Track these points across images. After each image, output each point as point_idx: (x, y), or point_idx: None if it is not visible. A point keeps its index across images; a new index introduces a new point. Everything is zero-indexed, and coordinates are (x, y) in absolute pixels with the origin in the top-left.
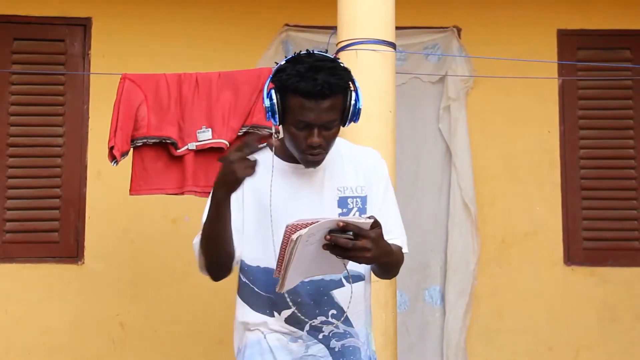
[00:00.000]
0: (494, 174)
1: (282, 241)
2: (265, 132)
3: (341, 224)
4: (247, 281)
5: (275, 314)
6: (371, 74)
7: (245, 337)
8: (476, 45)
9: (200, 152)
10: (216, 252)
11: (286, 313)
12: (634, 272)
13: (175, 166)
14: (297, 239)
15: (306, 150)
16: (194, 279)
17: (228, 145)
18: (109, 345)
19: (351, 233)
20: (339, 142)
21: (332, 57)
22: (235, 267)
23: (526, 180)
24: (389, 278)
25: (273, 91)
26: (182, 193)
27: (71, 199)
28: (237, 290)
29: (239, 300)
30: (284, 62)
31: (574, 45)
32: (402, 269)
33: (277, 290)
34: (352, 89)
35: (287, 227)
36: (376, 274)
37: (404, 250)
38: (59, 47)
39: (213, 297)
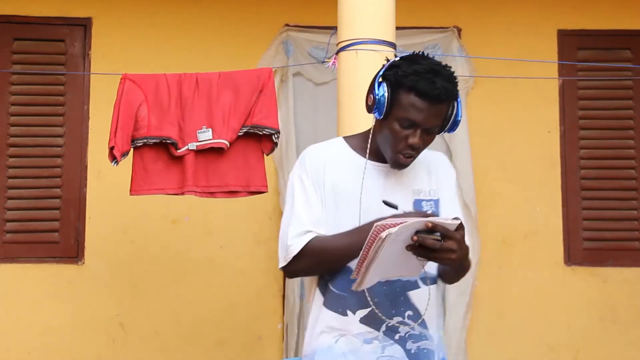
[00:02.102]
0: (494, 175)
1: (369, 240)
2: (266, 132)
3: (430, 224)
4: (328, 279)
5: (350, 313)
6: (371, 74)
7: (314, 342)
8: (476, 45)
9: (200, 152)
10: (330, 267)
11: (362, 313)
12: (634, 272)
13: (175, 166)
14: (386, 237)
15: (403, 149)
16: (194, 279)
17: (228, 145)
18: (109, 345)
19: (438, 234)
20: None
21: (446, 64)
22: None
23: (526, 181)
24: (455, 282)
25: (385, 84)
26: (183, 193)
27: (71, 199)
28: (316, 291)
29: (317, 301)
30: (398, 59)
31: (574, 46)
32: None
33: (353, 288)
34: (456, 99)
35: (375, 225)
36: (445, 278)
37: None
38: (59, 47)
39: (213, 297)
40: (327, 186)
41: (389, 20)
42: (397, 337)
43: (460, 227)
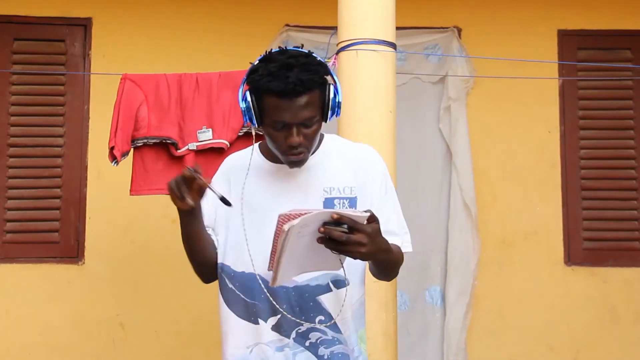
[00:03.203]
0: (494, 174)
1: (275, 232)
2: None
3: (335, 216)
4: (233, 287)
5: (261, 321)
6: (371, 74)
7: (232, 351)
8: (476, 45)
9: (200, 152)
10: (193, 260)
11: (273, 320)
12: (634, 272)
13: (175, 166)
14: (288, 229)
15: (287, 150)
16: (194, 279)
17: (228, 145)
18: (109, 345)
19: (346, 226)
20: (327, 139)
21: (307, 52)
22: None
23: (526, 181)
24: (388, 279)
25: (248, 93)
26: None
27: (71, 199)
28: (224, 300)
29: (226, 310)
30: (257, 61)
31: (574, 46)
32: (402, 269)
33: (270, 284)
34: (329, 82)
35: (279, 216)
36: (374, 274)
37: (407, 249)
38: (59, 47)
39: (213, 297)
40: (232, 191)
41: (389, 20)
42: (307, 343)
43: (373, 219)
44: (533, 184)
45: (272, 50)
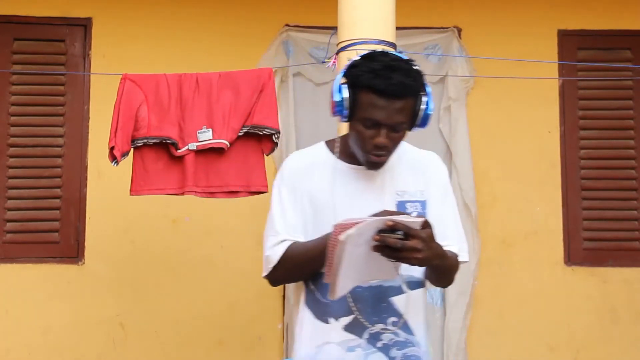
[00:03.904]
0: (494, 174)
1: (330, 242)
2: (266, 132)
3: (390, 223)
4: (313, 287)
5: (332, 320)
6: None
7: (300, 350)
8: (476, 45)
9: (200, 152)
10: (300, 277)
11: (345, 320)
12: (634, 272)
13: (175, 166)
14: (345, 239)
15: (371, 150)
16: (194, 279)
17: (228, 145)
18: (109, 345)
19: (401, 233)
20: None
21: (407, 58)
22: None
23: (527, 181)
24: (443, 285)
25: (345, 86)
26: (183, 193)
27: (71, 199)
28: (304, 299)
29: (304, 309)
30: (357, 58)
31: (574, 46)
32: None
33: (329, 296)
34: (423, 93)
35: (334, 226)
36: (431, 281)
37: (463, 259)
38: (60, 47)
39: (213, 297)
40: (305, 193)
41: (389, 20)
42: (380, 344)
43: (427, 225)
44: (533, 184)
45: (375, 51)
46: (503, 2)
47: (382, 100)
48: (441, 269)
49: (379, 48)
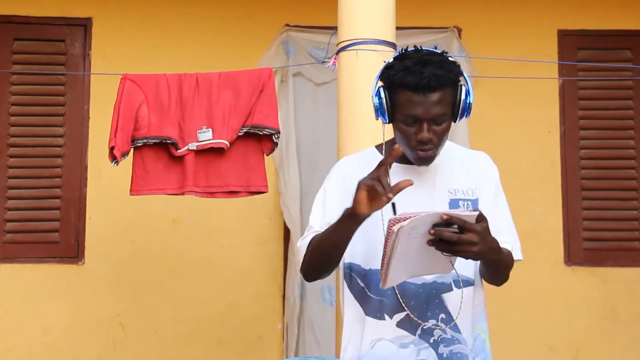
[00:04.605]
0: None
1: (386, 235)
2: (266, 132)
3: (445, 217)
4: (362, 284)
5: (387, 317)
6: (371, 74)
7: (351, 347)
8: (476, 45)
9: (200, 152)
10: (330, 265)
11: (398, 316)
12: (634, 272)
13: (175, 166)
14: (398, 230)
15: (417, 146)
16: (194, 279)
17: (228, 145)
18: (109, 345)
19: (456, 227)
20: (450, 144)
21: (441, 52)
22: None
23: (527, 181)
24: (499, 283)
25: (381, 89)
26: (183, 193)
27: (71, 199)
28: (353, 296)
29: (355, 306)
30: (391, 59)
31: (574, 46)
32: None
33: (380, 286)
34: (462, 83)
35: (389, 220)
36: (485, 277)
37: (517, 257)
38: (59, 47)
39: (213, 297)
40: (353, 194)
41: (389, 20)
42: (431, 340)
43: (482, 218)
44: (533, 184)
45: (408, 48)
46: (503, 2)
47: (418, 95)
48: (496, 264)
49: (379, 48)
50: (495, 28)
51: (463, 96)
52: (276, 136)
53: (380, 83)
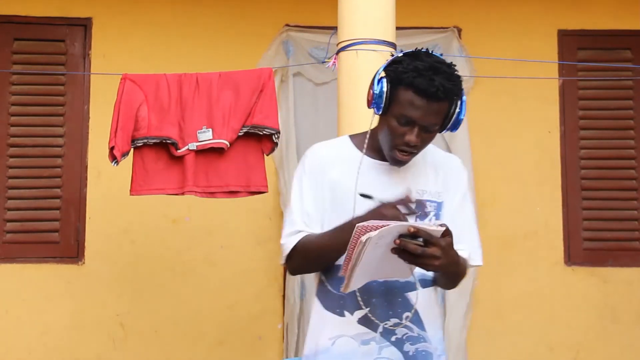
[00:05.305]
0: (494, 174)
1: (351, 241)
2: (266, 132)
3: (412, 229)
4: (323, 279)
5: (347, 313)
6: (371, 74)
7: (314, 343)
8: (476, 45)
9: (200, 152)
10: (319, 265)
11: (359, 313)
12: (634, 272)
13: (175, 166)
14: (366, 241)
15: (400, 146)
16: (194, 279)
17: (228, 145)
18: (109, 345)
19: (421, 239)
20: None
21: (449, 62)
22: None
23: (527, 181)
24: (449, 288)
25: (384, 80)
26: (183, 193)
27: (71, 199)
28: (315, 291)
29: (315, 300)
30: (401, 54)
31: (574, 46)
32: None
33: (341, 290)
34: (459, 98)
35: (357, 227)
36: (438, 283)
37: (476, 262)
38: (59, 47)
39: (213, 297)
40: (327, 184)
41: (389, 20)
42: (394, 338)
43: (447, 233)
44: (533, 184)
45: (419, 49)
46: (503, 2)
47: (421, 100)
48: (453, 275)
49: (379, 48)
50: (495, 28)
51: (457, 110)
52: (276, 136)
53: (383, 73)
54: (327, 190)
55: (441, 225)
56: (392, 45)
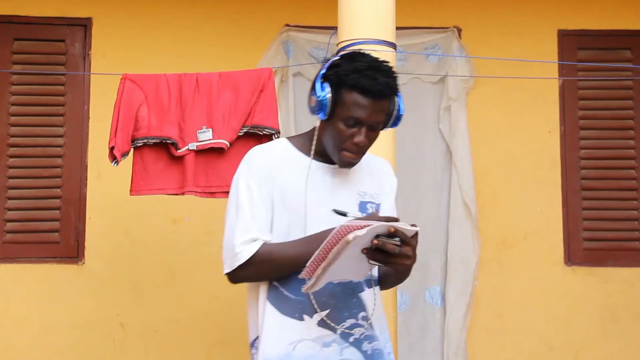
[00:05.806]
0: (494, 174)
1: (329, 240)
2: (266, 132)
3: (392, 229)
4: (277, 284)
5: (306, 317)
6: None
7: (271, 350)
8: (476, 45)
9: (200, 152)
10: (279, 274)
11: (318, 316)
12: (634, 272)
13: (175, 166)
14: (353, 239)
15: (348, 148)
16: (194, 279)
17: (228, 145)
18: (109, 345)
19: (398, 239)
20: None
21: (383, 59)
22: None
23: (527, 181)
24: (389, 288)
25: (327, 84)
26: (183, 193)
27: (71, 199)
28: (266, 295)
29: (267, 305)
30: (337, 57)
31: (575, 46)
32: None
33: (304, 290)
34: (396, 94)
35: (341, 227)
36: (385, 283)
37: None
38: (59, 47)
39: (213, 297)
40: (275, 187)
41: (389, 20)
42: (352, 339)
43: (416, 235)
44: (533, 184)
45: (354, 51)
46: (503, 2)
47: (366, 100)
48: (405, 275)
49: (379, 48)
50: (495, 28)
51: (398, 106)
52: (276, 136)
53: (324, 80)
54: (276, 194)
55: (412, 225)
56: (392, 45)
